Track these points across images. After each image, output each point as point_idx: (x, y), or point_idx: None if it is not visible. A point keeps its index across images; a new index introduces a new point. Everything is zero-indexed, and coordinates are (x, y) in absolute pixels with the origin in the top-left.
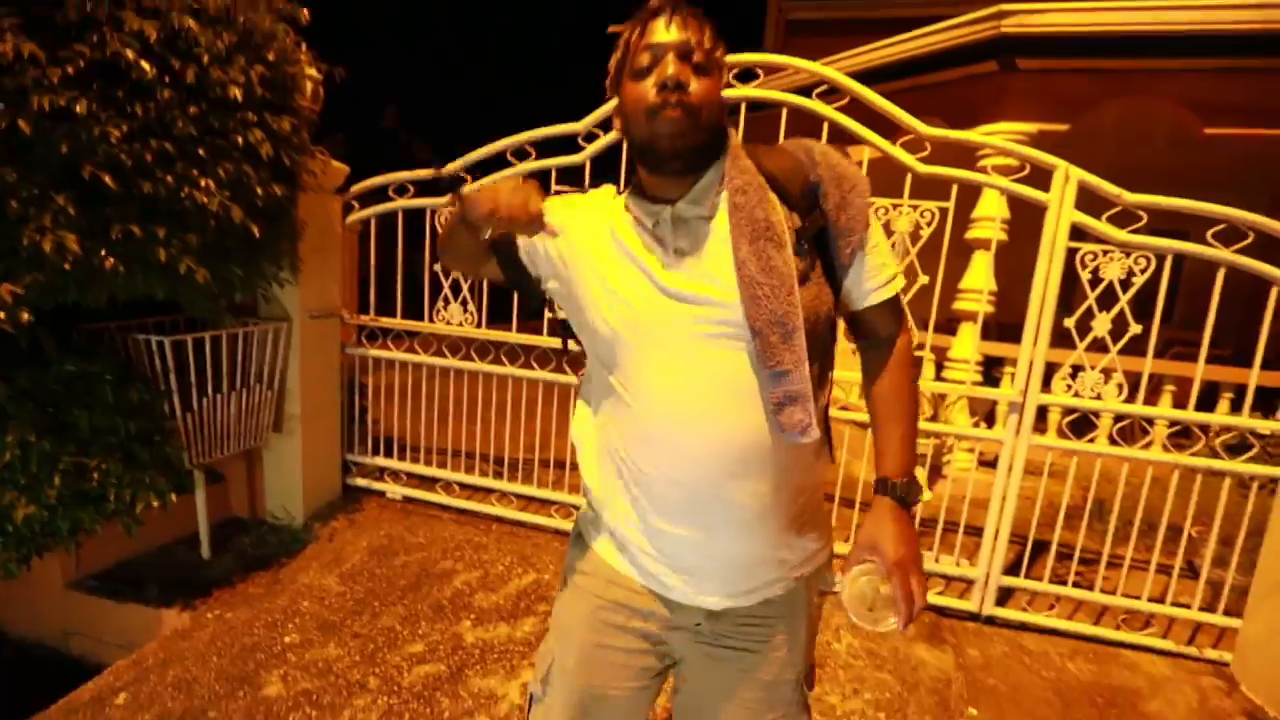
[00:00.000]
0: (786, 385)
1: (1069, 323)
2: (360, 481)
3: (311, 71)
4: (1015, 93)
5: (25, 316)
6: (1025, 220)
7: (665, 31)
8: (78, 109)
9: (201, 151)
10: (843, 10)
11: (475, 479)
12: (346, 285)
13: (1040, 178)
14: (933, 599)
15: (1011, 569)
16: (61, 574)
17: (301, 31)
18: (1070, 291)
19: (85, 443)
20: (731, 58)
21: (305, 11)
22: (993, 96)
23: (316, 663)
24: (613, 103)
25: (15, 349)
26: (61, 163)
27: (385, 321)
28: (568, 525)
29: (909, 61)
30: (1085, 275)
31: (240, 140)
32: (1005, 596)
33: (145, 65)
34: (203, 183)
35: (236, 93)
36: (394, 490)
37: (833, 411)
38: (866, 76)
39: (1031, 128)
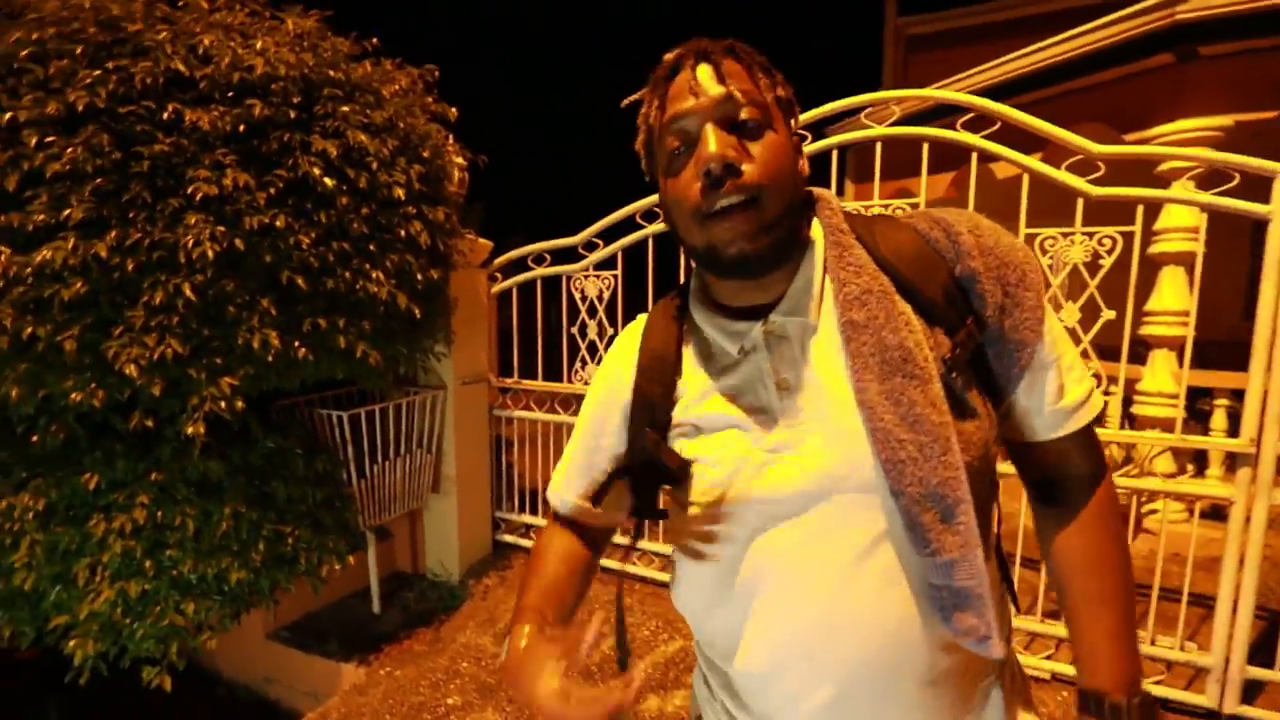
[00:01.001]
0: (953, 579)
1: None
2: (508, 538)
3: (459, 160)
4: (1198, 83)
5: (239, 404)
6: (1218, 222)
7: (691, 95)
8: (278, 223)
9: (372, 247)
10: (964, 18)
11: (616, 536)
12: (489, 349)
13: (1250, 184)
14: (1153, 690)
15: (1259, 652)
16: (262, 626)
17: (447, 124)
18: None
19: (281, 511)
20: (868, 97)
21: (453, 110)
22: (1168, 92)
23: None
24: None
25: (228, 430)
26: (265, 270)
27: (528, 384)
28: None
29: (1057, 67)
30: None
31: (402, 233)
32: (1254, 690)
33: (328, 180)
34: (374, 275)
35: (399, 192)
36: None
37: None
38: (1007, 89)
39: (1225, 120)
